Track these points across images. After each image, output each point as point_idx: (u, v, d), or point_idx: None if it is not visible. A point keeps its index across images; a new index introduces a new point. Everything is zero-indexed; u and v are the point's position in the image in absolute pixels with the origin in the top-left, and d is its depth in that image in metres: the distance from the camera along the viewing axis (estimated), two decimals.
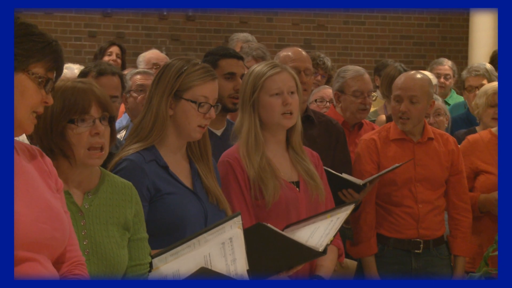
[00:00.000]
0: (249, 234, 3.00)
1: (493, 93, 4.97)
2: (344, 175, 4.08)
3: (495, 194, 4.32)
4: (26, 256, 2.27)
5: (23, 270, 2.26)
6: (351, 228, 4.35)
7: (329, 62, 6.42)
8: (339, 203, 3.98)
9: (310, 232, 3.24)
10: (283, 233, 3.19)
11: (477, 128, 5.23)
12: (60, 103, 2.71)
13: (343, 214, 3.28)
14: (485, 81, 6.10)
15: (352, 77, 4.95)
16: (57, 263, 2.43)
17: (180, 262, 2.73)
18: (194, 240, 2.76)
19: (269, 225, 3.12)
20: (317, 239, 3.20)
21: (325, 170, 3.84)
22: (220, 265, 2.79)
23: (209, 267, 2.76)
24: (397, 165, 4.15)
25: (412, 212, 4.25)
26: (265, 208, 3.45)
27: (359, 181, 4.08)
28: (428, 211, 4.27)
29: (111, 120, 2.78)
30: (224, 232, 2.82)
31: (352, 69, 5.06)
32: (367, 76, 5.02)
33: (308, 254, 3.19)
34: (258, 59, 5.93)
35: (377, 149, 4.31)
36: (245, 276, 2.84)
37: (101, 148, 2.74)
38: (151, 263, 2.78)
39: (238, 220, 2.86)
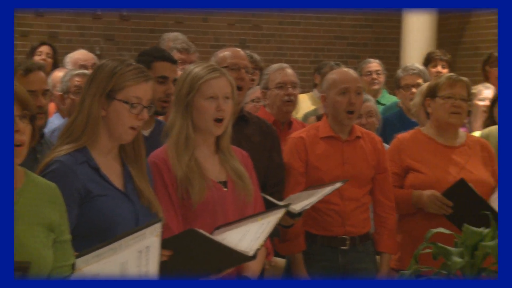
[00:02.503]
0: (180, 239, 3.01)
1: None
2: (282, 203, 4.02)
3: (427, 192, 4.39)
4: None
5: None
6: (280, 225, 4.40)
7: (257, 56, 6.53)
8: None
9: (241, 235, 3.27)
10: (214, 238, 3.20)
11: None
12: None
13: (274, 218, 3.31)
14: (420, 80, 6.22)
15: (274, 71, 5.11)
16: None
17: (100, 266, 2.73)
18: (116, 244, 2.77)
19: (200, 230, 3.13)
20: (247, 243, 3.22)
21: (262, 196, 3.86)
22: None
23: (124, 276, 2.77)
24: (337, 186, 4.10)
25: (338, 209, 4.32)
26: (191, 208, 3.45)
27: (294, 210, 4.04)
28: (354, 208, 4.34)
29: (33, 119, 2.75)
30: (145, 238, 2.83)
31: (275, 65, 5.23)
32: (289, 69, 5.17)
33: (238, 258, 3.21)
34: (183, 51, 5.96)
35: (305, 147, 4.36)
36: None
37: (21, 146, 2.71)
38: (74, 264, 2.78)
39: (158, 228, 2.87)
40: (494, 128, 5.19)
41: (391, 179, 4.47)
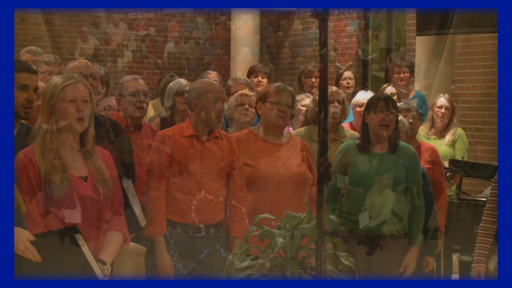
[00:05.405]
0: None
1: (239, 95, 5.73)
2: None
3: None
4: None
5: None
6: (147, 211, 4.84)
7: (102, 71, 6.69)
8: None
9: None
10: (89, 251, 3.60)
11: (229, 129, 5.69)
12: None
13: None
14: (247, 88, 6.49)
15: (128, 81, 5.52)
16: None
17: None
18: None
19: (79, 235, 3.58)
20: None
21: None
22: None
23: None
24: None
25: (196, 200, 4.74)
26: (53, 201, 3.72)
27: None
28: (211, 199, 4.76)
29: None
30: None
31: (129, 76, 5.66)
32: (141, 80, 5.58)
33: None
34: (50, 63, 6.29)
35: (170, 143, 4.78)
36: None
37: None
38: None
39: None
40: (300, 129, 5.90)
41: (243, 174, 4.88)
